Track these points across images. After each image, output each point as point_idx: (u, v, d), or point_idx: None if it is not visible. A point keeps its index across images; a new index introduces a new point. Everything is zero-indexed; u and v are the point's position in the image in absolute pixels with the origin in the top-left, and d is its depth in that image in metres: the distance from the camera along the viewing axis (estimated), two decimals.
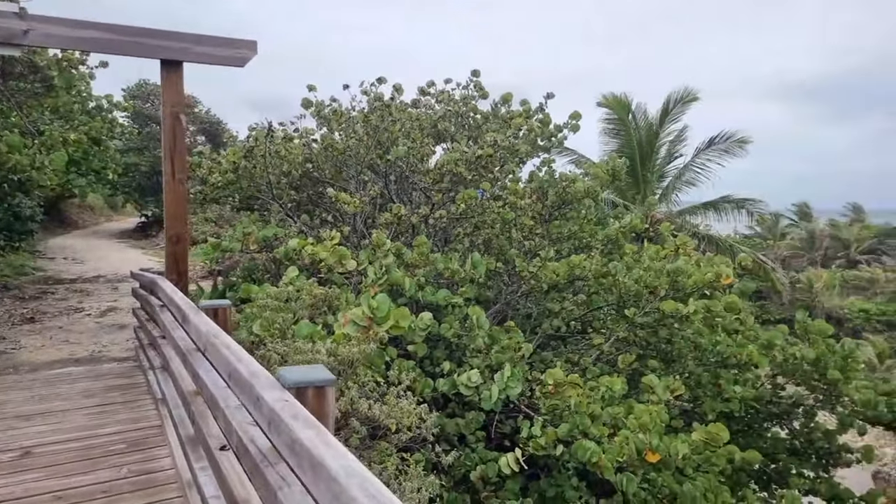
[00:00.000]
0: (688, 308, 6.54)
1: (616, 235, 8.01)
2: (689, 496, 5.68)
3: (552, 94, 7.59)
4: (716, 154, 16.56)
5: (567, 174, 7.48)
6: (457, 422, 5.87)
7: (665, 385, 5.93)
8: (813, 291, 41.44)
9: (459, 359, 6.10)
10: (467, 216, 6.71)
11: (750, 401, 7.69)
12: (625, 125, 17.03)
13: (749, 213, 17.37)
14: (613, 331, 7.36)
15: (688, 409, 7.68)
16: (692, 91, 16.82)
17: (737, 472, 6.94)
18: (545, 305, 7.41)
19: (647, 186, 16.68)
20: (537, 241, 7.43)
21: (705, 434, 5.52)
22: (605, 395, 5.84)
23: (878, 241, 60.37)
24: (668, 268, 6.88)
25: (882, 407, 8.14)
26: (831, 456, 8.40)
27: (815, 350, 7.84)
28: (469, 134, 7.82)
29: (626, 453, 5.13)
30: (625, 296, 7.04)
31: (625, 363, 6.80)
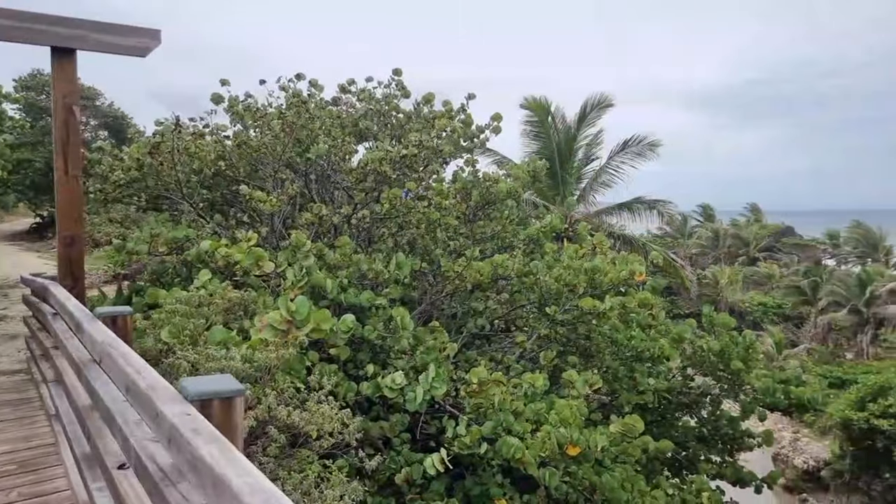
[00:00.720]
0: (605, 305, 6.75)
1: (537, 235, 8.16)
2: (608, 486, 5.87)
3: (473, 94, 7.64)
4: (629, 157, 17.33)
5: (490, 175, 7.55)
6: (381, 425, 5.77)
7: (584, 380, 6.09)
8: (718, 287, 44.26)
9: (384, 361, 6.00)
10: (392, 216, 6.63)
11: (663, 392, 8.05)
12: (545, 128, 17.47)
13: (660, 213, 18.28)
14: (535, 328, 7.49)
15: (606, 402, 7.95)
16: (607, 97, 17.53)
17: (651, 461, 7.24)
18: (470, 305, 7.44)
19: (566, 188, 17.19)
20: (462, 240, 7.45)
21: (622, 426, 5.72)
22: (527, 392, 5.92)
23: (773, 239, 65.31)
24: (586, 266, 7.07)
25: (779, 394, 8.76)
26: (735, 441, 8.96)
27: (721, 342, 8.32)
28: (392, 133, 7.73)
29: (548, 448, 5.21)
30: (546, 294, 7.18)
31: (546, 360, 6.94)
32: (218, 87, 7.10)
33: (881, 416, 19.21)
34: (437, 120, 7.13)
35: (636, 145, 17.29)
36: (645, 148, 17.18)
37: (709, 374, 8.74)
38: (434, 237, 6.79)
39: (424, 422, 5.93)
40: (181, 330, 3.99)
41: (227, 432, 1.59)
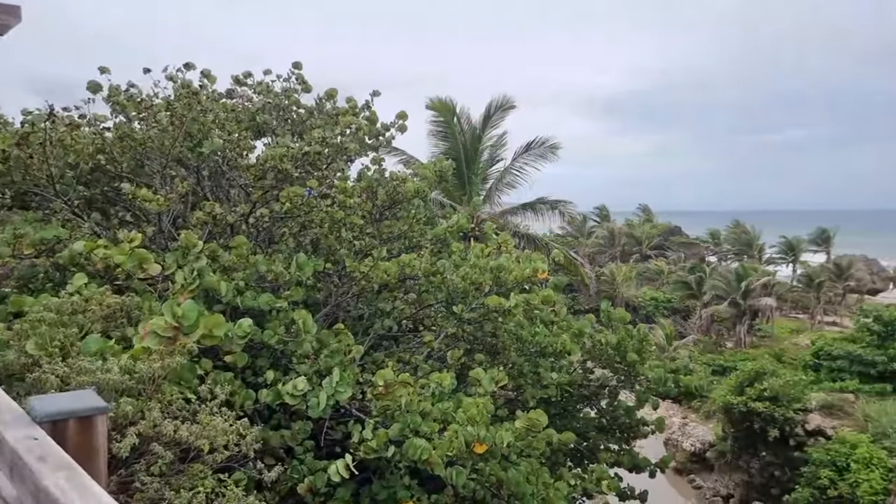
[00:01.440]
0: (510, 302, 6.85)
1: (445, 235, 8.16)
2: (514, 481, 5.96)
3: (378, 91, 7.50)
4: (532, 158, 17.88)
5: (397, 174, 7.45)
6: (282, 433, 5.52)
7: (491, 377, 6.14)
8: (614, 283, 46.76)
9: (285, 366, 5.75)
10: (293, 215, 6.36)
11: (565, 385, 8.32)
12: (451, 128, 17.63)
13: (561, 213, 18.99)
14: (443, 328, 7.48)
15: (512, 397, 8.09)
16: (510, 99, 17.99)
17: (555, 453, 7.45)
18: (377, 306, 7.31)
19: (472, 188, 17.43)
20: (368, 240, 7.30)
21: (527, 421, 5.81)
22: (435, 392, 5.89)
23: (663, 238, 70.02)
24: (492, 265, 7.15)
25: (670, 383, 9.32)
26: (632, 429, 9.44)
27: (617, 336, 8.72)
28: (293, 129, 7.42)
29: (455, 447, 5.20)
30: (453, 293, 7.19)
31: (454, 358, 6.94)
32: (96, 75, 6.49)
33: (757, 400, 21.06)
34: (341, 116, 6.91)
35: (538, 147, 17.85)
36: (547, 150, 17.78)
37: (607, 367, 9.14)
38: (339, 237, 6.59)
39: (329, 427, 5.74)
40: (49, 340, 3.57)
41: (84, 457, 1.38)
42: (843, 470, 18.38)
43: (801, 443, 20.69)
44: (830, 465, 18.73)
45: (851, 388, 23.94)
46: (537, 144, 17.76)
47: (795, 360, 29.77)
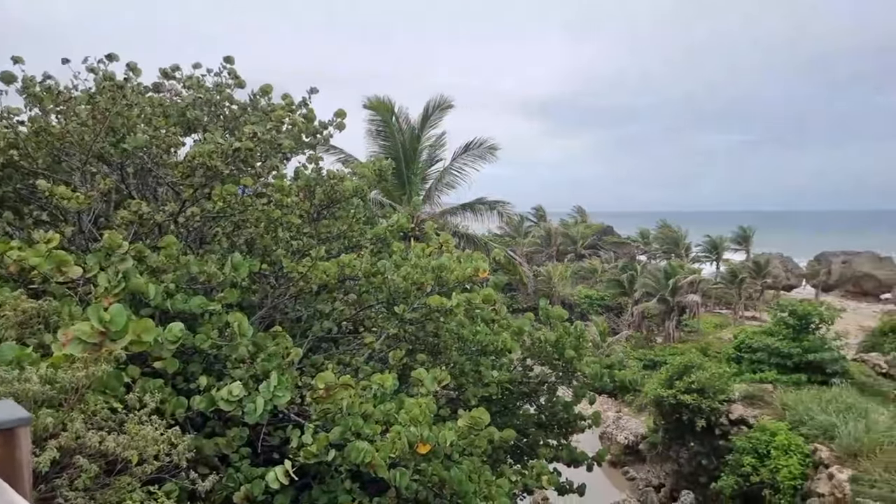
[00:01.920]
0: (451, 302, 6.86)
1: (385, 234, 8.08)
2: (457, 480, 5.96)
3: (316, 88, 7.34)
4: (471, 159, 18.02)
5: (335, 172, 7.32)
6: (217, 441, 5.30)
7: (433, 377, 6.12)
8: (551, 282, 47.81)
9: (220, 371, 5.53)
10: (226, 214, 6.12)
11: (505, 383, 8.42)
12: (389, 127, 17.52)
13: (500, 213, 19.22)
14: (384, 328, 7.41)
15: (453, 397, 8.11)
16: (448, 99, 18.05)
17: (496, 451, 7.52)
18: (315, 307, 7.15)
19: (411, 188, 17.39)
20: (306, 240, 7.13)
21: (469, 419, 5.83)
22: (377, 394, 5.82)
23: (597, 237, 72.26)
24: (433, 264, 7.14)
25: (606, 378, 9.59)
26: (570, 425, 9.66)
27: (555, 333, 8.91)
28: (225, 125, 7.15)
29: (398, 448, 5.15)
30: (394, 293, 7.13)
31: (396, 359, 6.88)
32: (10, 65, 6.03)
33: (685, 392, 21.99)
34: (274, 112, 6.70)
35: (477, 148, 18.01)
36: (485, 151, 17.96)
37: (546, 364, 9.32)
38: (275, 237, 6.40)
39: (267, 433, 5.56)
40: None
41: (8, 471, 1.26)
42: (764, 457, 19.44)
43: (725, 432, 21.76)
44: (752, 452, 19.77)
45: (770, 378, 25.39)
46: (476, 145, 17.91)
47: (720, 354, 31.32)
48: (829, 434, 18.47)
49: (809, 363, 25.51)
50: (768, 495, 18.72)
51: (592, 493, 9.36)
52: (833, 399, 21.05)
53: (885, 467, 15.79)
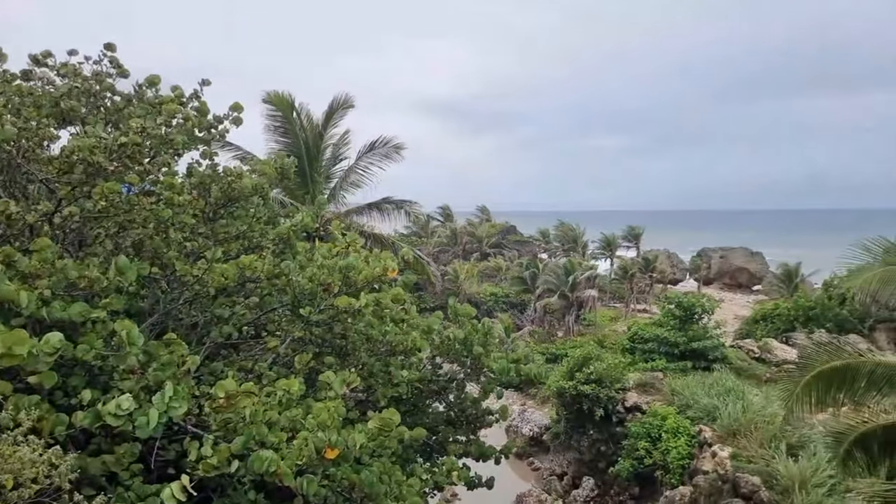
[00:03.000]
0: (360, 302, 6.74)
1: (288, 234, 7.82)
2: (367, 482, 5.87)
3: (208, 80, 6.92)
4: (377, 158, 17.84)
5: (232, 169, 6.96)
6: (104, 459, 4.89)
7: (342, 380, 5.98)
8: (458, 281, 48.51)
9: (106, 384, 5.10)
10: (110, 214, 5.64)
11: (415, 382, 8.40)
12: (290, 124, 16.97)
13: (407, 213, 19.20)
14: (289, 332, 7.17)
15: (363, 398, 7.99)
16: (351, 97, 17.77)
17: (406, 450, 7.49)
18: (213, 312, 6.77)
19: (315, 186, 16.95)
20: (201, 241, 6.73)
21: (380, 421, 5.75)
22: (282, 400, 5.62)
23: (501, 236, 74.24)
24: (340, 265, 6.99)
25: (512, 373, 9.83)
26: (478, 420, 9.81)
27: (464, 331, 9.01)
28: (107, 118, 6.58)
29: (305, 454, 4.99)
30: (299, 295, 6.91)
31: (302, 363, 6.66)
32: None
33: (585, 383, 23.06)
34: (164, 105, 6.25)
35: (382, 147, 17.87)
36: (391, 150, 17.86)
37: (455, 361, 9.41)
38: (166, 238, 5.98)
39: (161, 448, 5.20)
40: None
41: None
42: (656, 440, 20.77)
43: (621, 419, 23.04)
44: (646, 436, 21.07)
45: (660, 366, 27.20)
46: (381, 144, 17.75)
47: (615, 345, 33.17)
48: (712, 416, 20.05)
49: (694, 351, 27.62)
50: (660, 476, 20.03)
51: (500, 485, 9.56)
52: (715, 383, 22.90)
53: (759, 444, 17.36)
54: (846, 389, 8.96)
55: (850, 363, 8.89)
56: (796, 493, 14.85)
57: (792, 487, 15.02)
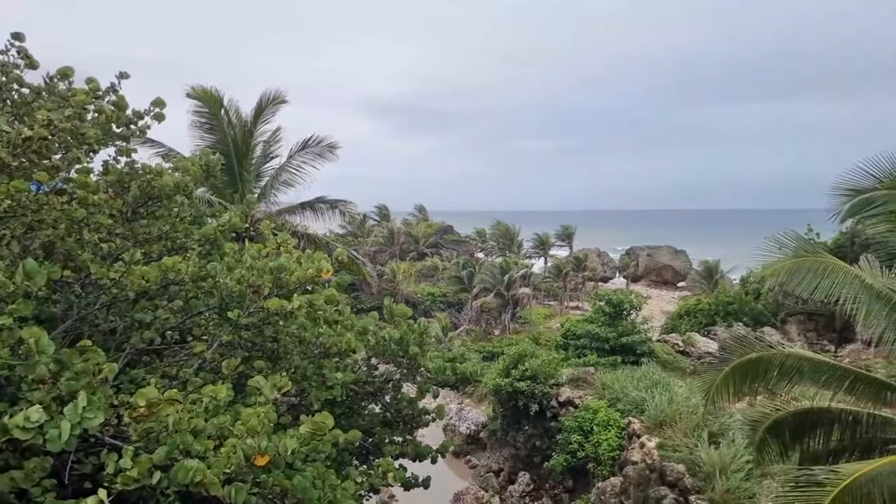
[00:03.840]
0: (292, 304, 6.59)
1: (215, 234, 7.55)
2: (300, 488, 5.74)
3: (126, 73, 6.56)
4: (310, 157, 17.44)
5: (153, 167, 6.63)
6: (12, 475, 4.56)
7: (272, 384, 5.83)
8: (395, 281, 48.34)
9: (13, 395, 4.76)
10: (16, 214, 5.26)
11: (350, 384, 8.30)
12: (218, 120, 16.34)
13: (342, 213, 18.91)
14: (217, 336, 6.92)
15: (295, 402, 7.81)
16: (283, 93, 17.28)
17: (341, 453, 7.37)
18: (133, 317, 6.44)
19: (245, 185, 16.41)
20: (119, 242, 6.38)
21: (312, 424, 5.64)
22: (209, 406, 5.43)
23: (438, 236, 74.54)
24: (271, 266, 6.81)
25: (449, 371, 9.87)
26: (414, 420, 9.80)
27: (400, 331, 8.98)
28: (14, 111, 6.13)
29: (234, 462, 4.84)
30: (227, 298, 6.70)
31: (230, 368, 6.45)
32: None
33: (520, 380, 23.48)
34: (74, 97, 5.86)
35: (316, 146, 17.51)
36: (325, 149, 17.53)
37: (391, 362, 9.36)
38: (80, 239, 5.63)
39: (76, 461, 4.90)
40: None
41: None
42: (588, 433, 21.40)
43: (555, 414, 23.60)
44: (578, 430, 21.67)
45: (592, 361, 28.07)
46: (315, 142, 17.36)
47: (549, 342, 33.98)
48: (641, 408, 20.86)
49: (623, 346, 28.68)
50: (593, 468, 20.66)
51: (438, 484, 9.58)
52: (643, 376, 23.85)
53: (684, 433, 18.21)
54: (760, 380, 9.51)
55: (764, 355, 9.44)
56: (717, 478, 15.66)
57: (713, 473, 15.84)
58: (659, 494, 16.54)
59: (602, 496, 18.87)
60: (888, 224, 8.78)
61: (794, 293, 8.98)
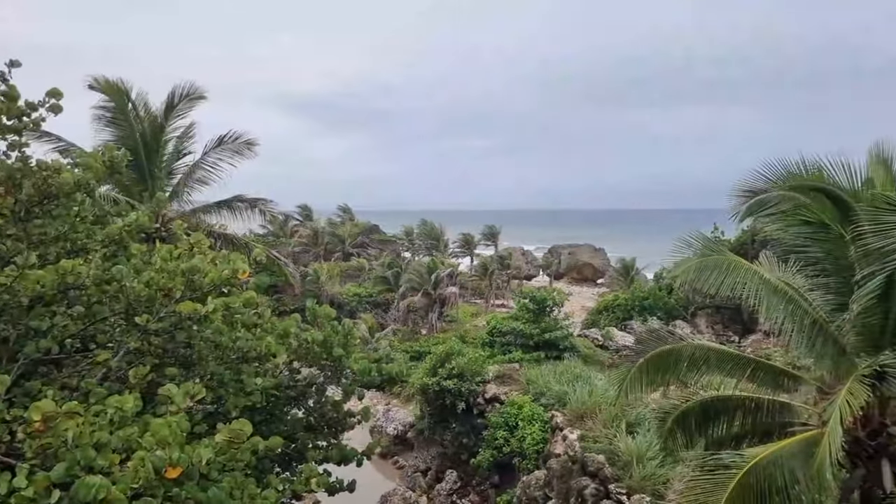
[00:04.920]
0: (206, 307, 6.32)
1: (121, 235, 7.12)
2: (216, 500, 5.49)
3: (17, 61, 6.04)
4: (227, 154, 16.73)
5: (49, 163, 6.15)
6: None
7: (185, 392, 5.54)
8: (319, 282, 47.40)
9: None
10: None
11: (271, 390, 8.05)
12: (124, 114, 15.36)
13: (262, 212, 18.30)
14: (123, 343, 6.52)
15: (212, 410, 7.48)
16: (199, 88, 16.50)
17: (261, 461, 7.14)
18: (27, 324, 5.95)
19: (155, 183, 15.54)
20: (11, 244, 5.88)
21: (229, 433, 5.41)
22: (114, 418, 5.10)
23: (364, 236, 73.77)
24: (183, 267, 6.50)
25: (374, 372, 9.79)
26: (339, 423, 9.65)
27: (323, 333, 8.80)
28: None
29: (142, 476, 4.56)
30: (135, 302, 6.33)
31: (138, 376, 6.09)
32: None
33: (447, 378, 23.62)
34: None
35: (233, 142, 16.83)
36: (242, 145, 16.88)
37: (314, 365, 9.16)
38: None
39: None
40: None
41: None
42: (513, 428, 21.81)
43: (482, 411, 23.91)
44: (504, 425, 22.05)
45: (517, 358, 28.65)
46: (231, 138, 16.66)
47: (476, 340, 34.37)
48: (563, 401, 21.50)
49: (547, 342, 29.46)
50: (518, 462, 21.09)
51: (364, 487, 9.48)
52: (565, 371, 24.59)
53: (604, 424, 18.92)
54: (672, 371, 10.04)
55: (675, 347, 9.97)
56: (635, 466, 16.39)
57: (631, 462, 16.56)
58: (581, 485, 17.10)
59: (527, 489, 19.29)
60: (781, 223, 9.49)
61: (702, 290, 9.53)
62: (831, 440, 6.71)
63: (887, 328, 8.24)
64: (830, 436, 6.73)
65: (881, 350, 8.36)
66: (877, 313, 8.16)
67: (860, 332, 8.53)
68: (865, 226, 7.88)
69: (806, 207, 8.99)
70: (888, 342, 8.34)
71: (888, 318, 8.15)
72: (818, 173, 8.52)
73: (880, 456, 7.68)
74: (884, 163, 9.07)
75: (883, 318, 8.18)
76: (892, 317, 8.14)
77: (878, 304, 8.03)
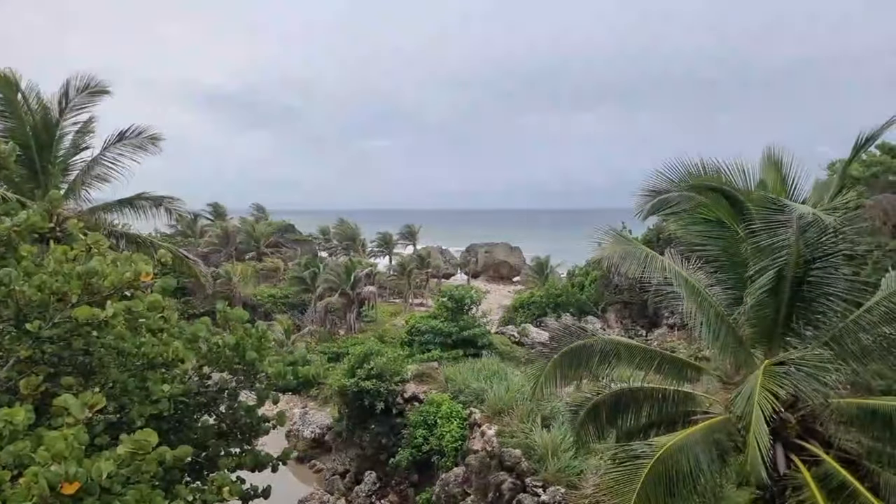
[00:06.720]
0: (106, 312, 5.99)
1: (8, 235, 6.61)
2: None
3: None
4: (129, 149, 15.72)
5: None
6: None
7: (82, 402, 5.23)
8: (232, 283, 45.61)
9: None
10: None
11: (179, 396, 7.69)
12: (13, 106, 14.07)
13: (168, 211, 17.36)
14: (13, 351, 6.05)
15: (114, 420, 7.07)
16: (101, 82, 15.39)
17: (169, 471, 6.81)
18: None
19: (49, 179, 14.39)
20: None
21: (133, 444, 5.15)
22: (3, 432, 4.76)
23: (279, 235, 71.70)
24: (79, 270, 6.11)
25: (290, 375, 9.56)
26: (253, 429, 9.35)
27: (235, 336, 8.50)
28: None
29: (36, 493, 4.28)
30: (26, 307, 5.90)
31: (30, 387, 5.67)
32: None
33: (366, 379, 23.43)
34: None
35: (135, 137, 15.84)
36: (146, 141, 15.93)
37: (225, 369, 8.82)
38: None
39: None
40: None
41: None
42: (432, 426, 21.97)
43: (401, 410, 23.91)
44: (423, 424, 22.16)
45: (436, 356, 28.86)
46: (133, 133, 15.66)
47: (395, 339, 34.32)
48: (481, 398, 21.89)
49: (465, 339, 29.90)
50: (437, 460, 21.27)
51: (280, 493, 9.23)
52: (483, 368, 25.04)
53: (520, 419, 19.44)
54: (584, 365, 10.48)
55: (586, 342, 10.41)
56: (549, 459, 16.98)
57: (546, 455, 17.14)
58: (498, 480, 17.51)
59: (446, 487, 19.51)
60: (682, 221, 10.13)
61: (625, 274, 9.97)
62: (758, 437, 7.10)
63: (778, 320, 8.96)
64: (756, 435, 7.12)
65: (773, 341, 9.09)
66: (769, 306, 8.86)
67: (754, 324, 9.23)
68: (757, 224, 8.55)
69: (705, 206, 9.61)
70: (779, 334, 9.09)
71: (779, 311, 8.87)
72: (717, 174, 9.13)
73: (774, 441, 8.33)
74: (775, 165, 9.83)
75: (774, 311, 8.89)
76: (782, 310, 8.86)
77: (769, 298, 8.73)
